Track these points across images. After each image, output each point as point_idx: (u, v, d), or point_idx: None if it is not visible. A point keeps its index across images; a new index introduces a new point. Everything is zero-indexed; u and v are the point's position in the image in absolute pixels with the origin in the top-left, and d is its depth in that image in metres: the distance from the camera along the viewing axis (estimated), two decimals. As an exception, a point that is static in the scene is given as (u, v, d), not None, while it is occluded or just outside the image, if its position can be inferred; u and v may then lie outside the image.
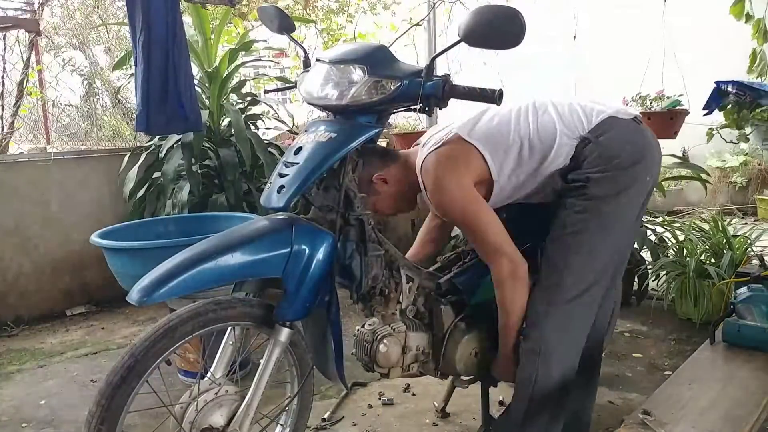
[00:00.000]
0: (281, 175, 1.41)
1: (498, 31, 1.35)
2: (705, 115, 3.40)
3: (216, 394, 1.41)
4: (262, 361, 1.43)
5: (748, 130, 3.46)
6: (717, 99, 3.33)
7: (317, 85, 1.50)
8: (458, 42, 1.39)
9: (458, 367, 1.77)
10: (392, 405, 2.31)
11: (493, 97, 1.44)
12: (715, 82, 3.34)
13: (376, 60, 1.45)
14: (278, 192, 1.39)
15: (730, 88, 3.25)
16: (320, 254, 1.41)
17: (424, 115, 1.61)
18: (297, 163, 1.40)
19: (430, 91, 1.43)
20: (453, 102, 1.50)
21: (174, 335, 1.31)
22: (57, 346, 3.11)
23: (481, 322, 1.86)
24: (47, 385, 2.66)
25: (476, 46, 1.38)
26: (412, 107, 1.50)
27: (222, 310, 1.37)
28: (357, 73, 1.44)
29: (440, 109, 1.50)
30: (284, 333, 1.43)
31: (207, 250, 1.34)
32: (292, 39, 1.73)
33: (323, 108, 1.55)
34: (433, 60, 1.49)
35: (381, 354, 1.63)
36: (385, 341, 1.63)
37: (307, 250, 1.40)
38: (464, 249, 1.96)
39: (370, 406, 2.30)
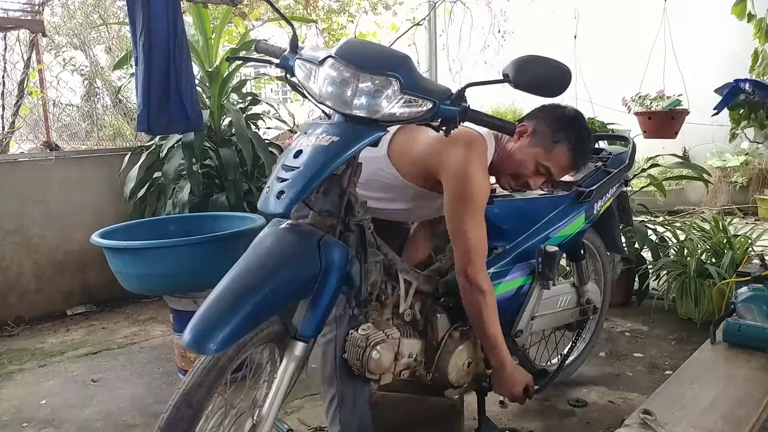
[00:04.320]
0: (280, 179, 1.35)
1: (548, 84, 1.39)
2: (714, 114, 3.34)
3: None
4: (276, 379, 1.39)
5: None
6: (730, 97, 3.27)
7: (335, 87, 1.38)
8: (504, 82, 1.39)
9: (450, 377, 1.76)
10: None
11: (510, 129, 1.46)
12: (735, 80, 3.25)
13: (408, 73, 1.36)
14: (277, 197, 1.32)
15: (747, 87, 3.20)
16: (339, 268, 1.38)
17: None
18: (297, 168, 1.33)
19: (452, 115, 1.40)
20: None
21: (222, 372, 1.28)
22: (57, 346, 3.11)
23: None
24: (48, 384, 2.66)
25: (521, 90, 1.39)
26: (429, 123, 1.47)
27: (251, 338, 1.33)
28: (393, 87, 1.34)
29: (451, 129, 1.46)
30: (299, 347, 1.39)
31: (250, 283, 1.29)
32: (277, 10, 1.62)
33: (336, 112, 1.44)
34: (466, 87, 1.42)
35: (373, 360, 1.60)
36: (378, 347, 1.59)
37: (331, 267, 1.36)
38: None
39: (371, 406, 2.30)
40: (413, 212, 1.85)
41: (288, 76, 1.57)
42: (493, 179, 1.84)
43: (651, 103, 3.66)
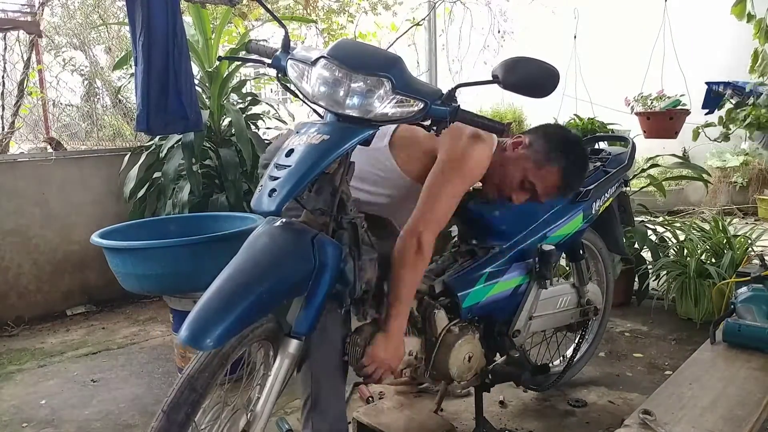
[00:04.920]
0: (272, 178, 1.35)
1: (535, 84, 1.39)
2: (706, 114, 3.41)
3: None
4: (270, 376, 1.40)
5: (731, 128, 3.46)
6: (713, 99, 3.35)
7: (327, 87, 1.39)
8: (493, 82, 1.40)
9: (451, 372, 1.75)
10: (392, 405, 2.31)
11: (499, 129, 1.46)
12: (706, 83, 3.35)
13: (400, 74, 1.38)
14: (269, 195, 1.32)
15: (722, 89, 3.28)
16: (332, 266, 1.38)
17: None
18: (288, 166, 1.34)
19: (443, 115, 1.41)
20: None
21: (225, 361, 1.30)
22: (57, 346, 3.11)
23: (475, 326, 1.86)
24: (48, 384, 2.66)
25: (510, 90, 1.40)
26: (420, 122, 1.46)
27: (251, 332, 1.35)
28: (385, 87, 1.36)
29: (442, 128, 1.47)
30: (293, 344, 1.40)
31: (244, 281, 1.30)
32: (268, 10, 1.61)
33: (329, 112, 1.45)
34: (456, 87, 1.44)
35: None
36: None
37: (325, 265, 1.37)
38: (459, 250, 1.96)
39: (371, 406, 2.30)
40: (401, 207, 1.80)
41: (279, 75, 1.57)
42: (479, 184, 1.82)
43: (652, 103, 3.66)
